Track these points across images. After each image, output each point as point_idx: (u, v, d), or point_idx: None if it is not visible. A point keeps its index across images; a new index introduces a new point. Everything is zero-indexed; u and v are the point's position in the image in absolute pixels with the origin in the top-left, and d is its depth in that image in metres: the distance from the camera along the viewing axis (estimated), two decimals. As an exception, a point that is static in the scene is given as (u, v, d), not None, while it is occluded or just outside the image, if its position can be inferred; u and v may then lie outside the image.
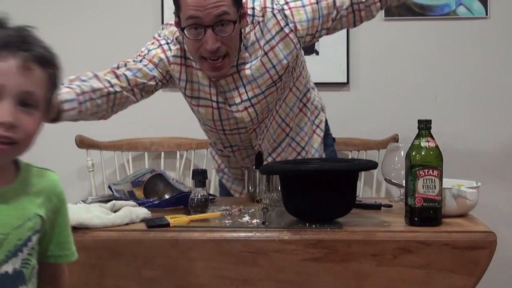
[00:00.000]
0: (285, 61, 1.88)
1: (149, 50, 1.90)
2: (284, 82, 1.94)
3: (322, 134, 2.17)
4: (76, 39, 2.86)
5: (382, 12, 2.75)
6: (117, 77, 1.84)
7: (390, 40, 2.82)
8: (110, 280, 1.52)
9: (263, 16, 1.86)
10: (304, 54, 2.75)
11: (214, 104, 1.91)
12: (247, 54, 1.86)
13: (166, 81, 1.93)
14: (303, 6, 1.86)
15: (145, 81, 1.87)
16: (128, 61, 1.89)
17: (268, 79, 1.88)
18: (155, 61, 1.88)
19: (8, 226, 1.12)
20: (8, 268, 1.12)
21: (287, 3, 1.87)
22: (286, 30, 1.85)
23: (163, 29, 1.96)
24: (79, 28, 2.87)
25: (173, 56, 1.89)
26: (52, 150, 2.87)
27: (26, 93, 1.10)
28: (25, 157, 1.58)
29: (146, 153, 2.81)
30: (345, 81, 2.83)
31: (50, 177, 1.24)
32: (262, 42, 1.86)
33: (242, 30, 1.84)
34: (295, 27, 1.86)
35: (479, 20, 2.78)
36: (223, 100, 1.90)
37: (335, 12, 1.88)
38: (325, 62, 2.81)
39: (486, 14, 2.76)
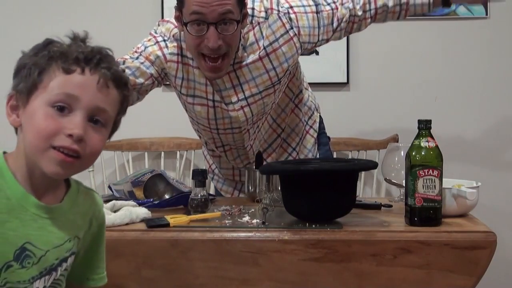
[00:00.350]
0: (285, 64, 1.88)
1: (145, 47, 1.88)
2: (282, 86, 1.95)
3: (315, 134, 2.17)
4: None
5: (382, 12, 2.76)
6: None
7: (390, 40, 2.82)
8: (110, 280, 1.51)
9: (266, 17, 1.86)
10: (304, 54, 2.76)
11: (210, 103, 1.90)
12: (245, 54, 1.86)
13: (161, 79, 1.91)
14: (305, 12, 1.88)
15: (142, 80, 1.84)
16: (125, 59, 1.86)
17: (267, 80, 1.88)
18: (151, 58, 1.86)
19: (50, 243, 1.12)
20: (40, 285, 1.11)
21: (291, 7, 1.87)
22: (291, 33, 1.86)
23: (159, 25, 1.94)
24: (79, 28, 2.87)
25: (170, 53, 1.86)
26: (52, 150, 2.88)
27: (99, 110, 1.10)
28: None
29: (146, 153, 2.81)
30: (345, 81, 2.83)
31: (95, 199, 1.24)
32: (263, 43, 1.86)
33: (242, 31, 1.84)
34: (299, 31, 1.87)
35: (479, 20, 2.78)
36: (219, 99, 1.89)
37: (336, 23, 1.91)
38: (325, 62, 2.81)
39: (486, 14, 2.76)
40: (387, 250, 1.48)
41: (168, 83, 1.98)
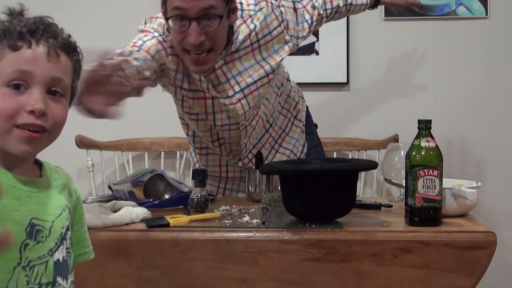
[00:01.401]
0: (277, 56, 1.91)
1: (144, 41, 1.81)
2: (275, 76, 1.97)
3: (301, 124, 2.18)
4: (75, 39, 2.86)
5: (382, 12, 2.76)
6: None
7: (390, 40, 2.82)
8: (110, 280, 1.52)
9: (257, 10, 1.87)
10: (304, 54, 2.76)
11: (208, 95, 1.88)
12: (236, 46, 1.85)
13: (158, 76, 1.84)
14: (288, 7, 1.94)
15: (148, 74, 1.74)
16: (131, 50, 1.76)
17: (260, 69, 1.89)
18: (151, 52, 1.79)
19: (52, 214, 1.13)
20: (59, 255, 1.13)
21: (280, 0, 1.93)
22: (282, 26, 1.90)
23: (146, 23, 1.88)
24: (78, 26, 2.86)
25: (170, 47, 1.81)
26: (52, 150, 2.87)
27: (55, 80, 1.09)
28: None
29: (146, 153, 2.81)
30: (345, 81, 2.83)
31: (66, 173, 1.26)
32: (257, 35, 1.87)
33: (234, 25, 1.82)
34: (287, 25, 1.92)
35: (479, 20, 2.78)
36: (215, 94, 1.88)
37: (310, 21, 2.01)
38: (325, 62, 2.81)
39: (486, 14, 2.76)
40: (387, 250, 1.48)
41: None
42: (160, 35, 1.82)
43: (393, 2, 2.30)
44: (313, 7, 2.02)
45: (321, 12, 2.04)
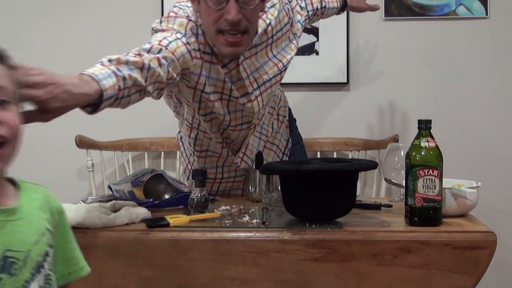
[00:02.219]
0: (284, 52, 1.93)
1: (169, 42, 1.69)
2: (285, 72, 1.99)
3: (285, 119, 2.18)
4: (75, 38, 2.86)
5: (382, 12, 2.76)
6: (160, 65, 1.62)
7: (390, 40, 2.82)
8: (110, 280, 1.52)
9: (272, 5, 1.88)
10: (304, 54, 2.76)
11: (225, 97, 1.86)
12: (255, 40, 1.85)
13: (179, 79, 1.74)
14: (291, 7, 1.97)
15: (174, 75, 1.68)
16: (160, 47, 1.65)
17: (274, 66, 1.90)
18: (176, 55, 1.69)
19: (27, 242, 1.09)
20: (35, 286, 1.09)
21: None
22: (289, 24, 1.93)
23: (162, 22, 1.79)
24: (78, 27, 2.87)
25: (193, 49, 1.74)
26: (52, 150, 2.88)
27: None
28: (24, 157, 1.58)
29: (146, 153, 2.81)
30: (345, 81, 2.83)
31: (45, 191, 1.20)
32: (272, 31, 1.88)
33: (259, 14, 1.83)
34: (292, 22, 1.94)
35: (479, 20, 2.78)
36: (236, 95, 1.85)
37: (303, 22, 2.05)
38: (325, 62, 2.81)
39: (486, 14, 2.76)
40: (387, 250, 1.48)
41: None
42: (183, 36, 1.74)
43: (357, 7, 2.37)
44: (301, 8, 2.05)
45: (305, 13, 2.07)
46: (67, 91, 1.29)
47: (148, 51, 1.62)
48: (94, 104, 1.42)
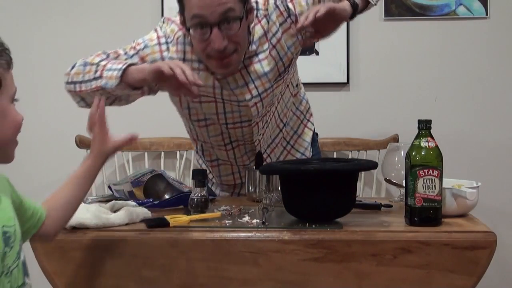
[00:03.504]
0: (289, 53, 1.88)
1: (145, 46, 1.83)
2: (289, 75, 1.95)
3: (313, 128, 2.18)
4: (75, 38, 2.86)
5: (382, 12, 2.76)
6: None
7: (390, 40, 2.82)
8: (110, 280, 1.52)
9: (266, 9, 1.85)
10: (304, 54, 2.76)
11: (219, 99, 1.87)
12: (254, 48, 1.84)
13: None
14: (299, 3, 1.85)
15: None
16: (119, 53, 1.82)
17: (276, 72, 1.88)
18: (147, 60, 1.81)
19: (12, 218, 1.17)
20: (23, 256, 1.19)
21: None
22: (288, 21, 1.85)
23: (164, 22, 1.88)
24: (78, 27, 2.87)
25: (170, 57, 1.81)
26: (52, 150, 2.88)
27: None
28: (25, 157, 1.59)
29: (146, 153, 2.81)
30: (345, 81, 2.83)
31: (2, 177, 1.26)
32: (269, 36, 1.85)
33: (250, 25, 1.81)
34: (296, 19, 1.84)
35: (479, 20, 2.78)
36: (229, 99, 1.87)
37: None
38: (325, 62, 2.81)
39: (486, 14, 2.76)
40: (387, 250, 1.48)
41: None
42: (167, 42, 1.83)
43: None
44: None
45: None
46: None
47: (107, 55, 1.81)
48: None
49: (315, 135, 2.24)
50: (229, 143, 2.03)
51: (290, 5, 1.85)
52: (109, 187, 1.92)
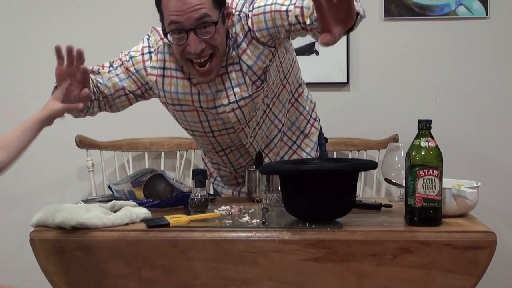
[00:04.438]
0: (259, 62, 1.86)
1: (130, 57, 1.94)
2: (269, 82, 1.92)
3: (319, 127, 2.18)
4: (75, 38, 2.85)
5: (382, 12, 2.76)
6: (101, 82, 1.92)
7: (390, 40, 2.82)
8: (110, 280, 1.52)
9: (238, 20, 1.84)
10: (304, 54, 2.76)
11: (199, 108, 1.92)
12: (234, 54, 1.85)
13: (142, 92, 1.95)
14: (264, 13, 1.81)
15: (112, 91, 1.91)
16: (102, 66, 1.94)
17: (252, 84, 1.87)
18: (131, 70, 1.92)
19: None
20: None
21: (252, 9, 1.83)
22: (249, 36, 1.84)
23: (151, 32, 1.97)
24: (78, 27, 2.87)
25: (151, 67, 1.91)
26: (52, 150, 2.88)
27: None
28: (24, 157, 1.59)
29: (146, 153, 2.81)
30: (345, 81, 2.83)
31: None
32: (238, 51, 1.86)
33: (230, 30, 1.83)
34: (256, 36, 1.83)
35: (479, 20, 2.78)
36: (206, 106, 1.90)
37: (287, 25, 1.80)
38: (325, 62, 2.81)
39: (486, 14, 2.76)
40: (387, 250, 1.48)
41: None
42: (150, 52, 1.92)
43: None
44: (295, 15, 1.82)
45: (306, 21, 1.82)
46: None
47: (91, 71, 1.91)
48: None
49: (323, 139, 2.24)
50: (220, 150, 2.05)
51: (249, 21, 1.82)
52: (109, 187, 1.92)
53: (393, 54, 2.83)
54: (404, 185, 1.61)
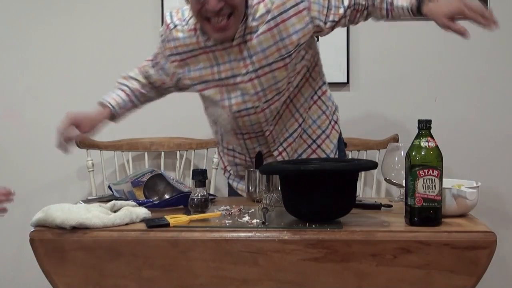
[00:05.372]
0: (295, 36, 1.87)
1: (155, 53, 2.07)
2: (295, 64, 1.93)
3: (339, 131, 2.17)
4: (75, 38, 2.86)
5: (382, 12, 2.76)
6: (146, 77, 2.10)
7: (390, 40, 2.82)
8: (110, 280, 1.52)
9: None
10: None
11: (220, 83, 1.94)
12: (254, 24, 1.86)
13: (175, 83, 2.06)
14: None
15: (165, 80, 2.06)
16: (146, 64, 2.10)
17: (275, 52, 1.88)
18: (161, 62, 2.04)
19: None
20: None
21: None
22: (301, 6, 1.85)
23: (172, 14, 2.02)
24: (78, 27, 2.87)
25: (169, 55, 1.99)
26: (52, 150, 2.87)
27: None
28: (25, 157, 1.59)
29: (146, 153, 2.81)
30: (345, 81, 2.83)
31: None
32: (273, 13, 1.85)
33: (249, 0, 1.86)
34: (310, 6, 1.86)
35: (479, 20, 2.77)
36: (225, 76, 1.92)
37: (343, 8, 1.91)
38: (325, 62, 2.78)
39: (486, 14, 2.76)
40: (387, 250, 1.48)
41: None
42: (161, 42, 2.03)
43: (436, 12, 1.93)
44: None
45: (362, 2, 1.92)
46: None
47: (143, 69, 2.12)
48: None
49: (342, 144, 2.22)
50: (240, 133, 2.04)
51: None
52: (109, 187, 1.92)
53: (393, 54, 2.83)
54: (404, 185, 1.61)
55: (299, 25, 1.86)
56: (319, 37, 2.41)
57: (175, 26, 1.97)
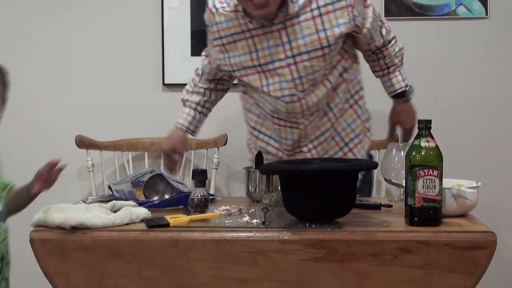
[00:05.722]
0: (337, 30, 1.89)
1: (208, 52, 2.14)
2: (332, 56, 1.94)
3: (371, 139, 2.18)
4: (75, 38, 2.86)
5: (382, 12, 2.76)
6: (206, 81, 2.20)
7: (390, 40, 2.82)
8: (110, 280, 1.52)
9: None
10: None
11: (259, 69, 1.95)
12: (296, 9, 1.87)
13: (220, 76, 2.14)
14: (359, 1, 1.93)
15: (218, 76, 2.16)
16: (202, 59, 2.19)
17: (316, 41, 1.89)
18: (209, 52, 2.10)
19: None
20: (2, 206, 1.58)
21: None
22: (347, 2, 1.88)
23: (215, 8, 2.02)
24: (78, 28, 2.87)
25: (214, 39, 2.01)
26: (52, 150, 2.87)
27: None
28: (25, 157, 1.59)
29: (146, 153, 2.81)
30: (345, 81, 2.82)
31: None
32: (319, 3, 1.87)
33: None
34: (353, 3, 1.89)
35: (479, 20, 2.78)
36: (264, 61, 1.93)
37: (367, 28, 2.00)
38: (325, 62, 2.80)
39: (486, 14, 2.76)
40: (387, 250, 1.48)
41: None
42: (207, 27, 2.04)
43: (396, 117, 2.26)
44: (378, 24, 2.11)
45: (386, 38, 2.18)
46: None
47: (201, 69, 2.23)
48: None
49: (369, 155, 2.24)
50: (277, 117, 2.04)
51: None
52: (109, 187, 1.92)
53: (393, 54, 2.82)
54: (404, 185, 1.61)
55: (342, 20, 1.89)
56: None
57: (217, 9, 1.98)
